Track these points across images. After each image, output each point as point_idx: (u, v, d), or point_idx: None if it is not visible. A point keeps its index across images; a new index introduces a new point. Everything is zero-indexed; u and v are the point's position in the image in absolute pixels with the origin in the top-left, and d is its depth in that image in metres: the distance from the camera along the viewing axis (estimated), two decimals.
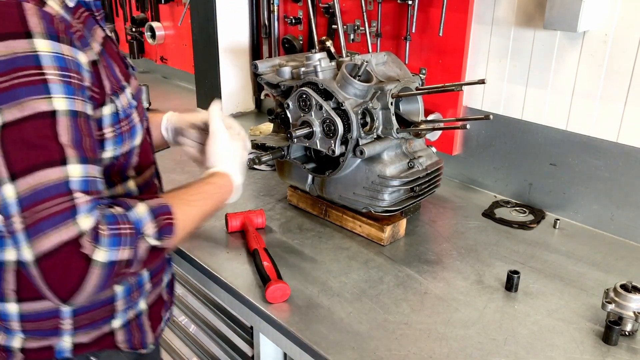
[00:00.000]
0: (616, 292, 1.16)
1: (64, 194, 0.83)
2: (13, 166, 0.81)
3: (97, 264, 0.85)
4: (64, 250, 0.82)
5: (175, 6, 3.07)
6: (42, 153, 0.83)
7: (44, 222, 0.81)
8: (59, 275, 0.83)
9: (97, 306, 1.06)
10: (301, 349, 1.16)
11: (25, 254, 0.82)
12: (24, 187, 0.81)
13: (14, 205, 0.81)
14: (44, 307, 1.02)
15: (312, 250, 1.48)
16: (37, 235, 0.81)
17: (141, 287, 1.13)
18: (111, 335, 1.10)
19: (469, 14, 1.74)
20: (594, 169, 1.58)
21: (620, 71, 1.48)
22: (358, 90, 1.43)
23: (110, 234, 0.87)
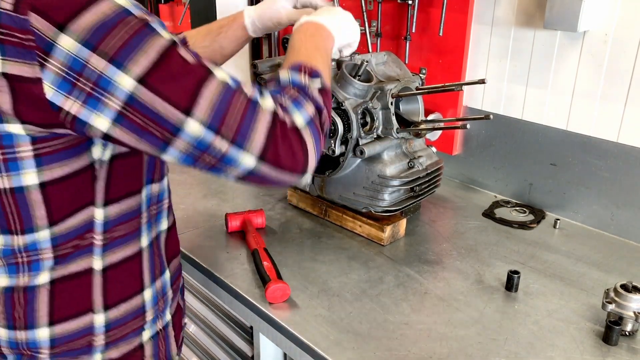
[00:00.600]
0: (616, 292, 1.16)
1: (234, 93, 0.84)
2: (180, 103, 0.79)
3: (303, 127, 0.88)
4: (274, 133, 0.84)
5: (175, 6, 3.07)
6: (191, 76, 0.81)
7: (241, 127, 0.82)
8: (287, 154, 0.85)
9: (129, 318, 1.01)
10: (301, 349, 1.16)
11: (247, 161, 0.83)
12: (203, 113, 0.80)
13: (207, 133, 0.81)
14: (78, 325, 0.96)
15: (312, 250, 1.48)
16: (246, 137, 0.82)
17: (165, 295, 1.09)
18: (140, 349, 1.05)
19: (469, 13, 1.74)
20: (594, 169, 1.58)
21: (620, 71, 1.48)
22: (358, 90, 1.43)
23: (289, 101, 0.90)
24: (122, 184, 0.95)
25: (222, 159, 0.83)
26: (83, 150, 0.87)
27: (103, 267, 0.96)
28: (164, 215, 1.08)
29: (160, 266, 1.07)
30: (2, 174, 0.84)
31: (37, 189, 0.86)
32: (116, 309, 0.99)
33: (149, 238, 1.03)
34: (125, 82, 0.77)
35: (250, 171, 0.84)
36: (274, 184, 0.88)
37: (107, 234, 0.95)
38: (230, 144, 0.82)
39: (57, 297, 0.94)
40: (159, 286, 1.07)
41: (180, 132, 0.80)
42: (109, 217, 0.94)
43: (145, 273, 1.02)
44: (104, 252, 0.95)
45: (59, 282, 0.93)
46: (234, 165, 0.84)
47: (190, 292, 1.67)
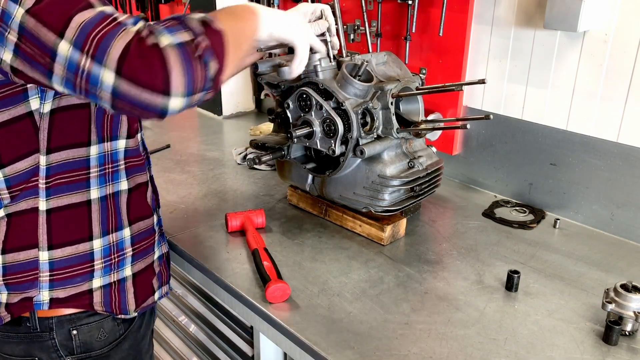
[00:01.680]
0: (616, 292, 1.16)
1: (106, 17, 0.87)
2: (56, 28, 0.85)
3: (168, 46, 0.86)
4: (132, 47, 0.84)
5: (175, 6, 3.07)
6: (71, 4, 0.86)
7: (101, 43, 0.84)
8: (142, 67, 0.84)
9: (75, 261, 1.12)
10: (301, 349, 1.16)
11: (107, 77, 0.84)
12: (72, 33, 0.85)
13: (74, 52, 0.85)
14: (26, 257, 1.09)
15: (312, 250, 1.48)
16: (105, 52, 0.84)
17: (122, 250, 1.18)
18: (89, 294, 1.15)
19: (469, 13, 1.74)
20: (594, 169, 1.58)
21: (620, 71, 1.48)
22: (358, 90, 1.43)
23: (162, 27, 0.90)
24: (64, 135, 1.07)
25: (89, 78, 0.85)
26: (20, 101, 1.02)
27: (47, 209, 1.08)
28: (122, 176, 1.17)
29: (116, 222, 1.17)
30: None
31: None
32: (60, 250, 1.11)
33: (101, 193, 1.14)
34: (18, 14, 0.86)
35: (113, 89, 0.85)
36: (143, 107, 0.86)
37: (50, 179, 1.07)
38: (92, 61, 0.84)
39: (10, 229, 1.08)
40: (113, 240, 1.17)
41: (55, 55, 0.85)
42: (51, 164, 1.07)
43: (94, 224, 1.13)
44: (47, 195, 1.08)
45: (13, 217, 1.08)
46: (99, 84, 0.85)
47: (190, 291, 1.67)
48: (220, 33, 0.93)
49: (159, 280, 1.30)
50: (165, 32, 0.88)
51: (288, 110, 1.54)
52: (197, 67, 0.88)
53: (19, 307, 1.11)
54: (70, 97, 1.05)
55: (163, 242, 1.34)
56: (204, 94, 0.91)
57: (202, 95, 0.91)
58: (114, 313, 1.19)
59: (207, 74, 0.89)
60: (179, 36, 0.88)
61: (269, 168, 2.02)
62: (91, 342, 1.18)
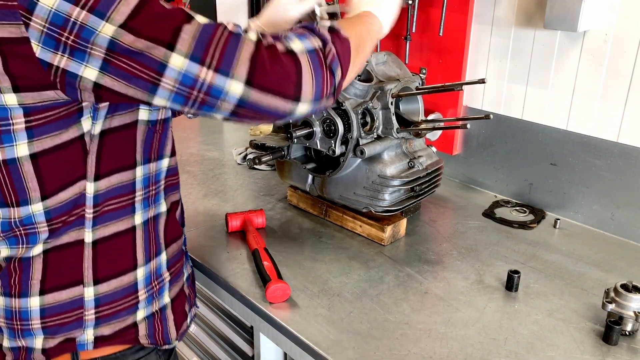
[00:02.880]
0: (616, 291, 1.16)
1: (216, 27, 0.83)
2: (163, 40, 0.80)
3: (300, 51, 0.85)
4: (261, 55, 0.82)
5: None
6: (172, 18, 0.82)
7: (225, 54, 0.81)
8: (276, 74, 0.82)
9: (120, 295, 1.03)
10: (301, 349, 1.16)
11: (234, 88, 0.81)
12: (185, 45, 0.80)
13: (191, 65, 0.80)
14: (68, 296, 0.99)
15: (312, 250, 1.48)
16: (231, 63, 0.81)
17: (160, 276, 1.10)
18: (134, 328, 1.06)
19: (469, 13, 1.74)
20: (594, 169, 1.58)
21: (620, 71, 1.48)
22: (358, 90, 1.43)
23: (292, 34, 0.88)
24: (113, 158, 0.97)
25: (210, 91, 0.82)
26: (72, 122, 0.90)
27: (93, 240, 0.98)
28: (162, 197, 1.09)
29: (156, 247, 1.08)
30: None
31: (29, 160, 0.89)
32: (106, 283, 1.01)
33: (144, 217, 1.05)
34: (106, 30, 0.78)
35: (240, 100, 0.82)
36: (269, 113, 0.85)
37: (98, 208, 0.97)
38: (215, 72, 0.81)
39: (50, 267, 0.97)
40: (154, 267, 1.08)
41: (165, 68, 0.80)
42: (99, 191, 0.97)
43: (138, 251, 1.04)
44: (94, 225, 0.98)
45: (52, 252, 0.97)
46: (222, 96, 0.82)
47: None
48: (347, 41, 0.94)
49: (189, 302, 1.21)
50: (297, 38, 0.87)
51: None
52: (327, 74, 0.88)
53: (59, 349, 1.01)
54: (123, 116, 0.96)
55: (188, 261, 1.26)
56: (327, 100, 0.91)
57: (325, 102, 0.91)
58: (159, 344, 1.11)
59: (333, 82, 0.89)
60: (311, 42, 0.88)
61: (269, 168, 2.02)
62: None
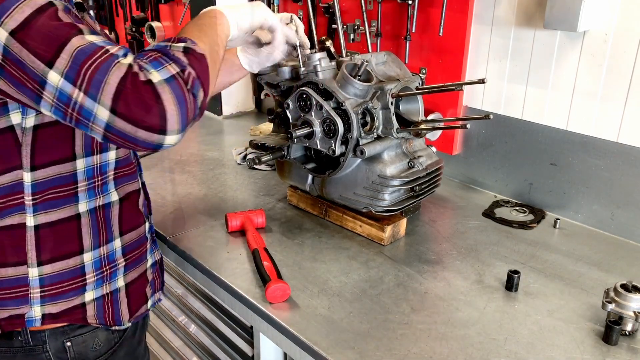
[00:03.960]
0: (616, 291, 1.16)
1: (97, 49, 0.86)
2: (45, 56, 0.84)
3: (159, 82, 0.87)
4: (126, 84, 0.85)
5: (175, 6, 3.07)
6: (60, 33, 0.86)
7: (94, 78, 0.84)
8: (138, 106, 0.85)
9: (66, 276, 1.09)
10: (301, 349, 1.16)
11: (101, 113, 0.85)
12: (63, 64, 0.84)
13: (65, 84, 0.85)
14: (15, 273, 1.05)
15: (312, 250, 1.48)
16: (99, 89, 0.84)
17: (113, 262, 1.16)
18: (81, 307, 1.12)
19: (469, 13, 1.74)
20: (594, 169, 1.58)
21: (620, 71, 1.48)
22: (358, 90, 1.43)
23: (148, 61, 0.89)
24: (49, 151, 1.02)
25: (81, 111, 0.86)
26: (0, 115, 0.97)
27: (35, 225, 1.05)
28: (111, 187, 1.14)
29: (106, 234, 1.14)
30: None
31: None
32: (50, 265, 1.07)
33: (90, 205, 1.10)
34: (1, 36, 0.84)
35: (107, 125, 0.86)
36: (137, 143, 0.88)
37: (37, 196, 1.03)
38: (85, 95, 0.85)
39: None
40: (104, 252, 1.14)
41: (45, 84, 0.85)
42: (36, 180, 1.02)
43: (84, 237, 1.10)
44: (35, 211, 1.04)
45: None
46: (92, 118, 0.86)
47: (190, 291, 1.67)
48: (203, 58, 0.96)
49: (152, 287, 1.28)
50: (152, 67, 0.88)
51: (288, 111, 1.54)
52: (190, 100, 0.90)
53: (9, 323, 1.09)
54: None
55: (156, 249, 1.32)
56: (193, 122, 0.93)
57: (192, 124, 0.93)
58: (108, 325, 1.17)
59: (196, 104, 0.92)
60: (167, 69, 0.89)
61: (269, 168, 2.02)
62: (86, 352, 1.15)
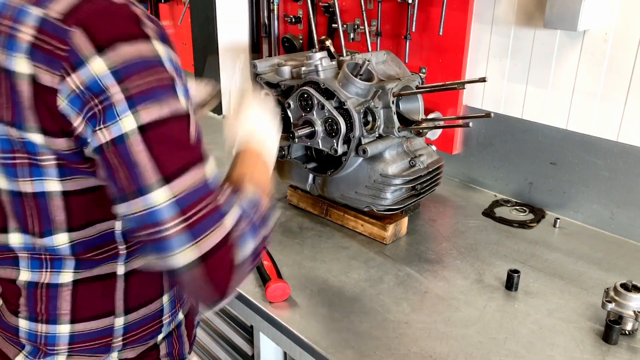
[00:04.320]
0: (616, 291, 1.16)
1: (210, 193, 0.83)
2: (164, 169, 0.78)
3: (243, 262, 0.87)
4: (221, 249, 0.83)
5: (175, 5, 3.07)
6: (188, 154, 0.81)
7: (203, 223, 0.81)
8: (220, 272, 0.83)
9: (147, 321, 1.04)
10: (301, 348, 1.16)
11: (186, 257, 0.80)
12: (180, 188, 0.79)
13: (168, 209, 0.79)
14: (98, 326, 0.98)
15: (312, 249, 1.49)
16: (203, 234, 0.80)
17: (181, 298, 1.11)
18: (155, 349, 1.07)
19: (469, 13, 1.74)
20: (594, 168, 1.58)
21: (620, 70, 1.48)
22: (360, 89, 1.43)
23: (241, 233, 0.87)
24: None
25: (165, 240, 0.80)
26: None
27: (125, 272, 0.98)
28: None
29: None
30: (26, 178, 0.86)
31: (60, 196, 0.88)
32: (136, 312, 1.01)
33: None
34: (125, 123, 0.77)
35: (182, 267, 0.81)
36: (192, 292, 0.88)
37: (129, 243, 0.96)
38: (187, 230, 0.80)
39: (80, 298, 0.96)
40: (176, 290, 1.09)
41: (144, 194, 0.79)
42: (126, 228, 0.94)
43: (165, 277, 1.04)
44: (127, 259, 0.97)
45: (82, 283, 0.95)
46: (171, 252, 0.80)
47: None
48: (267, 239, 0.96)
49: (196, 312, 1.22)
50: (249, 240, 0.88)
51: (289, 110, 1.54)
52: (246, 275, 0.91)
53: None
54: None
55: None
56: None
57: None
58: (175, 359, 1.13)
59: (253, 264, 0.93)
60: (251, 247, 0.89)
61: None
62: None
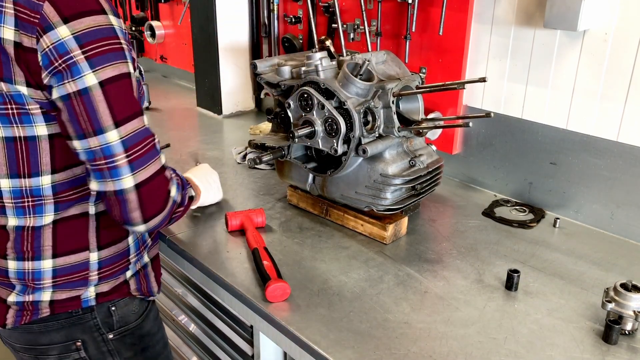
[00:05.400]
0: (616, 291, 1.16)
1: (149, 136, 1.09)
2: (116, 116, 1.02)
3: (171, 197, 1.14)
4: (156, 179, 1.10)
5: (175, 5, 3.07)
6: (132, 106, 1.05)
7: (144, 157, 1.06)
8: (151, 198, 1.09)
9: (117, 259, 1.22)
10: (301, 348, 1.16)
11: (126, 182, 1.05)
12: (126, 132, 1.03)
13: (117, 146, 1.03)
14: (76, 259, 1.16)
15: (312, 249, 1.49)
16: (140, 168, 1.06)
17: (145, 242, 1.31)
18: (126, 284, 1.26)
19: (469, 13, 1.74)
20: (594, 168, 1.58)
21: (620, 70, 1.48)
22: (360, 89, 1.43)
23: (173, 177, 1.17)
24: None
25: (112, 169, 1.04)
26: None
27: (96, 213, 1.17)
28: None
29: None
30: (17, 125, 1.06)
31: (47, 139, 1.07)
32: (107, 249, 1.20)
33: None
34: (88, 79, 0.99)
35: (122, 191, 1.06)
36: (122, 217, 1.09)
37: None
38: (128, 163, 1.04)
39: (59, 234, 1.15)
40: (139, 235, 1.30)
41: (100, 134, 1.02)
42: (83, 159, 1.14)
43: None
44: (96, 200, 1.17)
45: (60, 222, 1.14)
46: (115, 178, 1.05)
47: (190, 290, 1.67)
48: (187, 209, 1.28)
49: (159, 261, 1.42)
50: (176, 186, 1.16)
51: (289, 110, 1.54)
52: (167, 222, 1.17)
53: (65, 304, 1.18)
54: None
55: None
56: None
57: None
58: (145, 295, 1.31)
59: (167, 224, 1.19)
60: (179, 196, 1.18)
61: (269, 167, 2.02)
62: (128, 315, 1.28)
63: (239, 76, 2.67)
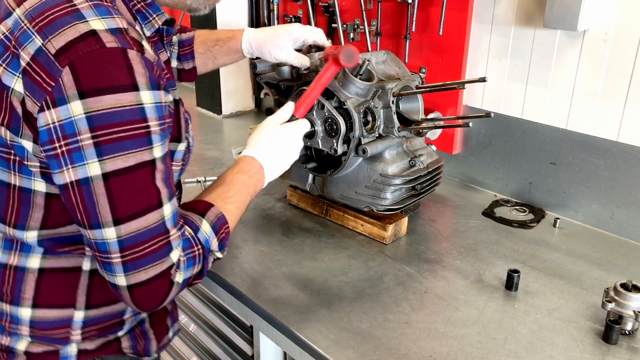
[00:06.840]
0: (616, 291, 1.16)
1: (162, 234, 0.92)
2: (117, 213, 0.87)
3: (177, 284, 0.95)
4: (157, 281, 0.92)
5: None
6: (143, 200, 0.89)
7: (142, 260, 0.90)
8: (149, 299, 0.93)
9: (108, 318, 1.07)
10: (301, 348, 1.16)
11: (119, 280, 0.90)
12: (126, 231, 0.88)
13: (113, 244, 0.88)
14: (58, 315, 1.02)
15: (312, 249, 1.48)
16: (135, 270, 0.90)
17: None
18: (117, 341, 1.11)
19: (469, 12, 1.74)
20: (594, 168, 1.58)
21: (620, 70, 1.48)
22: (360, 89, 1.43)
23: (187, 259, 0.97)
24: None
25: (107, 264, 0.90)
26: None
27: (91, 269, 1.03)
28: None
29: None
30: (15, 173, 0.93)
31: (43, 196, 0.95)
32: (97, 310, 1.05)
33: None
34: (91, 168, 0.85)
35: (113, 285, 0.92)
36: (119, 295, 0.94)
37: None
38: (121, 264, 0.89)
39: (43, 286, 1.01)
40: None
41: (97, 229, 0.88)
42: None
43: None
44: (93, 258, 1.02)
45: (48, 273, 1.00)
46: (111, 273, 0.91)
47: (190, 291, 1.67)
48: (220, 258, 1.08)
49: (171, 318, 1.25)
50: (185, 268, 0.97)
51: None
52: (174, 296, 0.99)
53: (42, 356, 1.04)
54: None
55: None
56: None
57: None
58: (140, 355, 1.16)
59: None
60: (192, 271, 0.99)
61: None
62: None
63: (238, 76, 2.66)
